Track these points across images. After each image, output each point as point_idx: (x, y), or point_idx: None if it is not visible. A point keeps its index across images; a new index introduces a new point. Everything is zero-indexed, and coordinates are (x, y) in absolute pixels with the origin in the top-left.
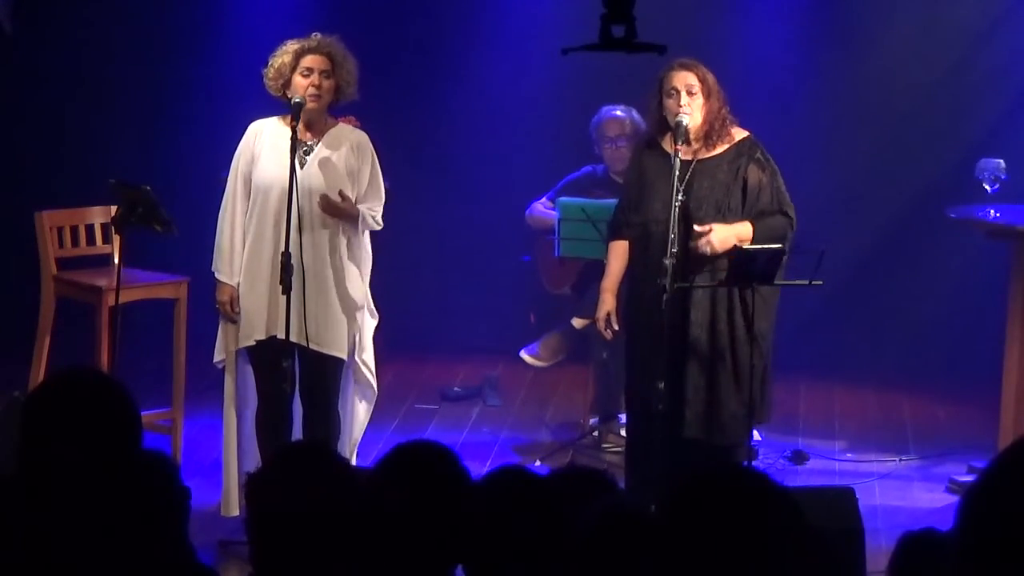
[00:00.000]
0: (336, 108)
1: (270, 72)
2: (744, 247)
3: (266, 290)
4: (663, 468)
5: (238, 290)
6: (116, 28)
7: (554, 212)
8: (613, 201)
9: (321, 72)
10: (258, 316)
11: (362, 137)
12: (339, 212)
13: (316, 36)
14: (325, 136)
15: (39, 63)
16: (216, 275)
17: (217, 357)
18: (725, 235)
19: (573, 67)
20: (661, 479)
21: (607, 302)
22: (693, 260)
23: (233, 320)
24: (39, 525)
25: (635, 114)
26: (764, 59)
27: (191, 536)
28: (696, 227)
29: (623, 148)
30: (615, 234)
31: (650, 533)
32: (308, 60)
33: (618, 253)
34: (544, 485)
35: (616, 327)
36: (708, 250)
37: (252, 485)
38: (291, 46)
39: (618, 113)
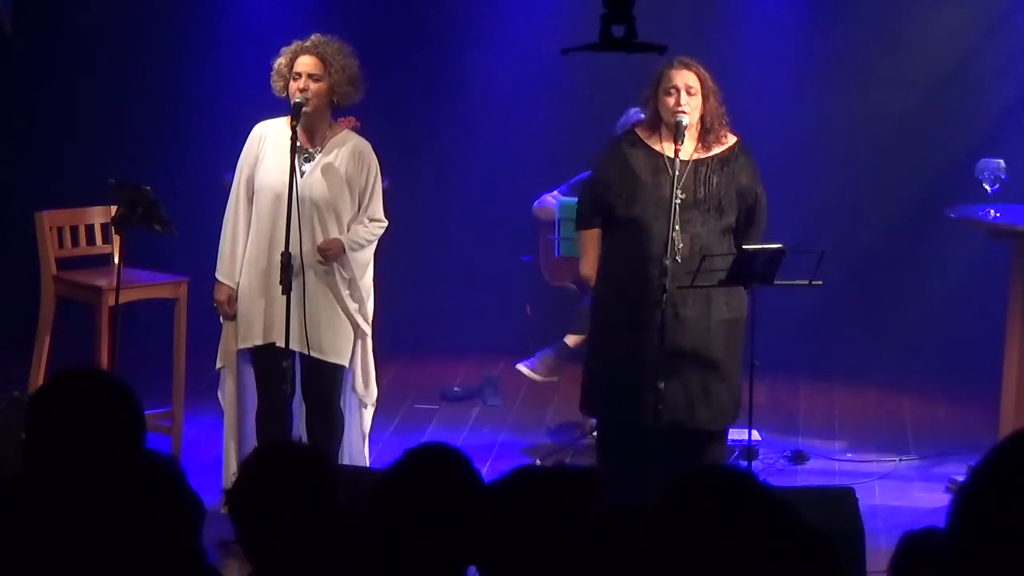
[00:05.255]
0: (337, 111)
1: (273, 74)
2: (744, 247)
3: (264, 293)
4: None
5: (236, 291)
6: (116, 28)
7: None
8: None
9: (309, 75)
10: (256, 319)
11: (364, 145)
12: (333, 257)
13: (314, 37)
14: (327, 144)
15: (39, 63)
16: (216, 276)
17: (219, 363)
18: None
19: (573, 67)
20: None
21: None
22: (691, 260)
23: (230, 317)
24: (43, 525)
25: None
26: (764, 59)
27: None
28: None
29: None
30: (588, 223)
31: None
32: (299, 63)
33: (595, 240)
34: (558, 485)
35: None
36: None
37: (232, 493)
38: (290, 47)
39: (644, 118)
